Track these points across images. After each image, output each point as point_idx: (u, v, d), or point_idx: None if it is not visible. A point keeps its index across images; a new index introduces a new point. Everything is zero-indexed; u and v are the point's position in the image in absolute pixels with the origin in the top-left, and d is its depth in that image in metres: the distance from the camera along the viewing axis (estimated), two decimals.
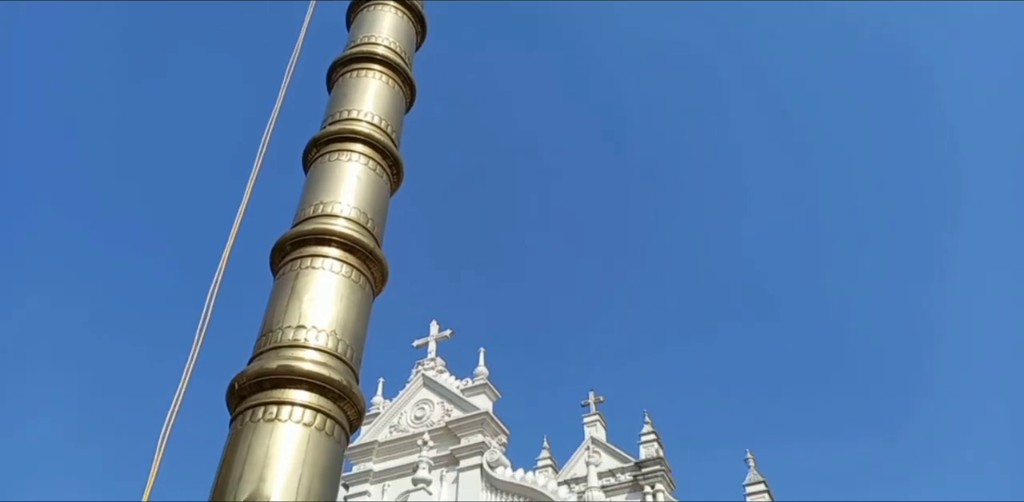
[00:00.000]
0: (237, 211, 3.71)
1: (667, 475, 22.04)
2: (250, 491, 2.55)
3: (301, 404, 2.79)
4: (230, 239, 3.63)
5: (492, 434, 18.36)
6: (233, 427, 2.81)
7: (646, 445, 22.72)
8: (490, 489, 17.26)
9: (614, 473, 22.40)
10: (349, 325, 3.14)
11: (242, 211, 3.71)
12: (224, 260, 3.56)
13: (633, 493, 22.03)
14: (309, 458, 2.69)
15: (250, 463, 2.63)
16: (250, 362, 2.98)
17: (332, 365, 2.94)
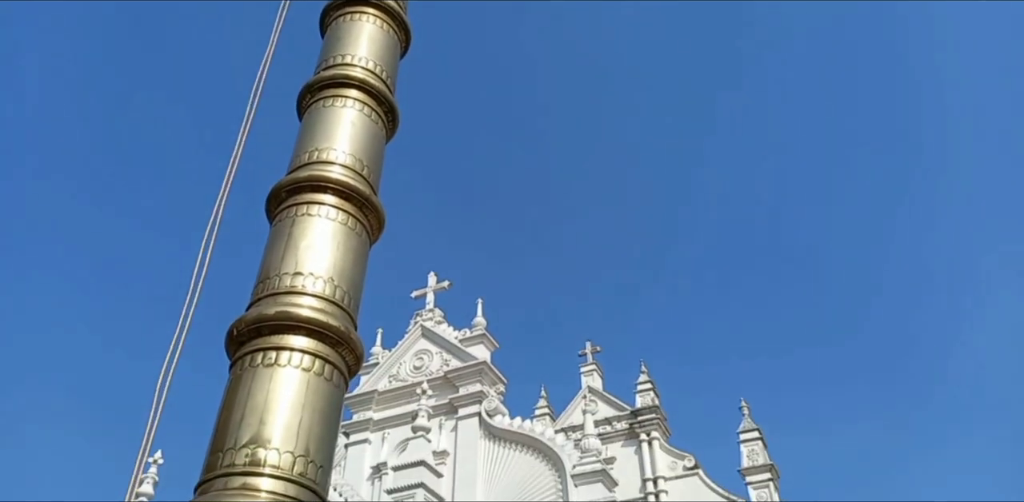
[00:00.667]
0: (231, 158, 3.68)
1: (662, 423, 22.40)
2: (251, 434, 2.58)
3: (300, 349, 2.81)
4: (225, 187, 3.61)
5: (490, 383, 18.59)
6: (233, 372, 2.83)
7: (642, 394, 23.04)
8: (488, 437, 17.55)
9: (610, 421, 22.76)
10: (346, 272, 3.14)
11: (236, 158, 3.67)
12: (219, 207, 3.55)
13: (629, 441, 22.42)
14: (308, 402, 2.72)
15: (250, 407, 2.66)
16: (248, 309, 2.99)
17: (330, 311, 2.95)
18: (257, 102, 3.94)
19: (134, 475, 3.30)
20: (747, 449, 20.68)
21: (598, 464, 15.49)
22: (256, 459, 2.51)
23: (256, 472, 2.48)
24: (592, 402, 20.21)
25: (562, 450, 16.26)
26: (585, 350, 25.60)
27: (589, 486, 15.27)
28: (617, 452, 21.86)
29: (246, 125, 3.87)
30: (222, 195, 3.57)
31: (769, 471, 20.09)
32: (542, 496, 15.89)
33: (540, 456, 16.62)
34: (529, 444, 16.92)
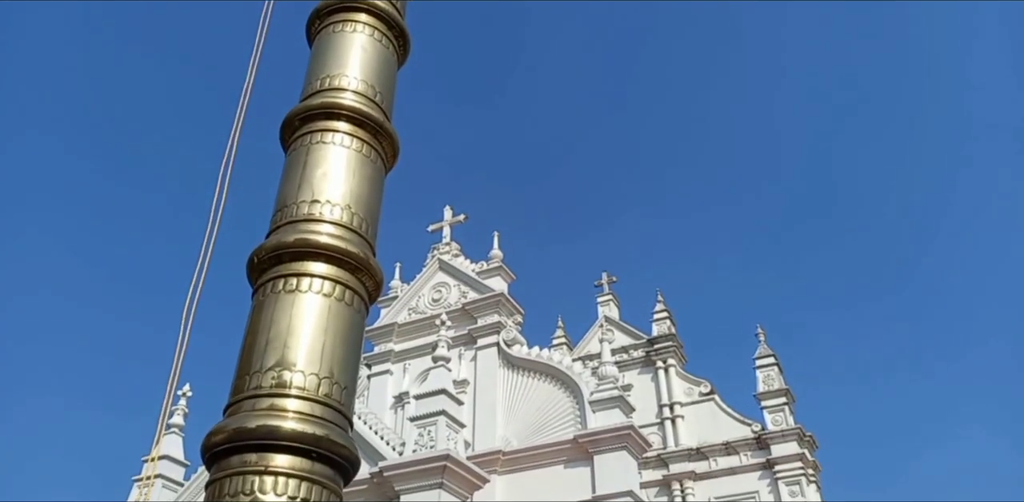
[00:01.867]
0: (243, 88, 3.65)
1: (679, 351, 22.70)
2: (276, 358, 2.65)
3: (320, 275, 2.85)
4: (239, 117, 3.59)
5: (508, 314, 18.80)
6: (255, 299, 2.88)
7: (658, 322, 23.28)
8: (507, 366, 17.86)
9: (627, 350, 23.09)
10: (362, 199, 3.15)
11: (249, 87, 3.64)
12: (234, 137, 3.54)
13: (645, 368, 22.78)
14: (330, 326, 2.77)
15: (274, 332, 2.71)
16: (267, 237, 3.02)
17: (348, 238, 2.97)
18: (266, 31, 3.88)
19: (164, 406, 3.39)
20: (763, 375, 20.98)
21: (615, 390, 15.77)
22: (282, 381, 2.58)
23: (282, 393, 2.55)
24: (609, 331, 20.41)
25: (579, 378, 16.54)
26: (601, 281, 25.77)
27: (606, 412, 15.59)
28: (634, 379, 22.24)
29: (256, 55, 3.83)
30: (236, 125, 3.56)
31: (784, 396, 20.41)
32: (560, 422, 16.24)
33: (558, 384, 16.92)
34: (547, 372, 17.21)
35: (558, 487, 15.11)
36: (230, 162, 3.48)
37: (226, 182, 3.44)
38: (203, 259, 3.28)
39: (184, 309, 3.32)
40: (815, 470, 20.06)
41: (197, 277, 3.28)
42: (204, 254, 3.36)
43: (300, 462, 2.43)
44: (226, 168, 3.44)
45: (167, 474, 14.86)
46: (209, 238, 3.51)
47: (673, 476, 20.45)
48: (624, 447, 15.08)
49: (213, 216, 3.37)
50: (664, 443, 21.24)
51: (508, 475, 15.93)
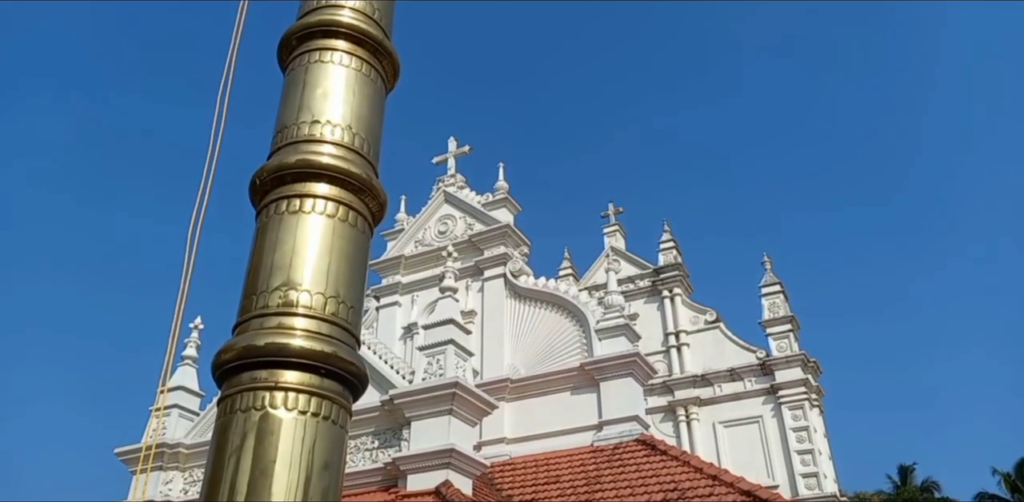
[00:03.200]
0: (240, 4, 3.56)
1: (685, 280, 22.83)
2: (282, 278, 2.65)
3: (323, 196, 2.82)
4: (235, 36, 3.51)
5: (514, 246, 18.85)
6: (259, 221, 2.87)
7: (665, 252, 23.35)
8: (514, 296, 18.01)
9: (633, 280, 23.24)
10: (363, 119, 3.10)
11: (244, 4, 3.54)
12: (232, 58, 3.47)
13: (652, 298, 22.96)
14: (336, 247, 2.77)
15: (279, 253, 2.71)
16: (269, 158, 2.98)
17: (350, 158, 2.94)
18: None
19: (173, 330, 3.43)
20: (768, 302, 21.15)
21: (621, 319, 15.93)
22: (288, 300, 2.59)
23: (290, 312, 2.56)
24: (615, 261, 20.48)
25: (586, 307, 16.69)
26: (608, 211, 25.74)
27: (612, 340, 15.79)
28: (640, 309, 22.45)
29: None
30: (234, 44, 3.48)
31: (789, 323, 20.62)
32: (567, 351, 16.48)
33: (565, 313, 17.10)
34: (554, 302, 17.36)
35: (565, 413, 15.46)
36: (229, 81, 3.41)
37: (225, 101, 3.38)
38: (205, 183, 3.26)
39: (188, 235, 3.32)
40: (818, 395, 20.43)
41: (200, 201, 3.27)
42: (205, 179, 3.33)
43: (309, 378, 2.46)
44: (225, 86, 3.38)
45: (183, 404, 15.21)
46: (209, 165, 3.48)
47: (678, 402, 20.86)
48: (630, 374, 15.34)
49: (213, 139, 3.33)
50: (669, 370, 21.59)
51: (516, 402, 16.27)
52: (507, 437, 15.84)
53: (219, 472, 2.30)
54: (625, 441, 14.31)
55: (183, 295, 3.43)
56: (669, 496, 11.75)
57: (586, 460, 14.10)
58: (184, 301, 3.42)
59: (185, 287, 3.32)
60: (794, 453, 19.15)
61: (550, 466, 14.28)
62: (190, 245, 3.20)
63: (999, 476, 39.98)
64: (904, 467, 42.90)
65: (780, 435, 19.52)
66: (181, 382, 15.57)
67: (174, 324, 3.42)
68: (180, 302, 3.44)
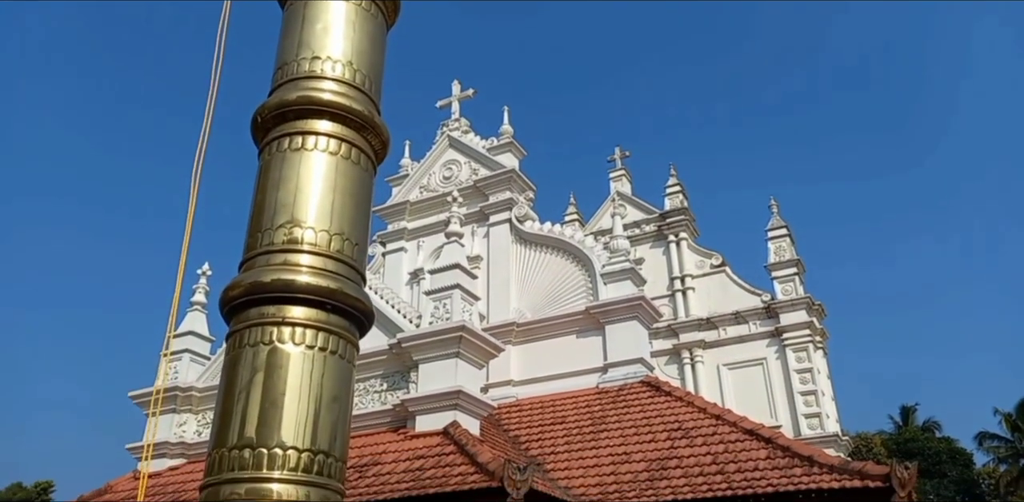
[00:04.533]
0: None
1: (691, 224, 22.79)
2: (286, 216, 2.65)
3: (325, 133, 2.81)
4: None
5: (519, 191, 18.79)
6: (262, 159, 2.86)
7: (671, 197, 23.24)
8: (519, 242, 18.03)
9: (639, 224, 23.20)
10: (364, 56, 3.05)
11: None
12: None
13: (657, 242, 22.96)
14: (339, 185, 2.76)
15: (283, 191, 2.71)
16: (270, 95, 2.95)
17: (352, 95, 2.91)
18: None
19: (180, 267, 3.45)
20: (774, 246, 21.13)
21: (627, 263, 15.97)
22: (293, 237, 2.60)
23: (295, 249, 2.57)
24: (621, 206, 20.47)
25: (591, 251, 16.71)
26: (614, 156, 25.53)
27: (618, 284, 15.86)
28: (646, 254, 22.49)
29: None
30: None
31: (795, 266, 20.64)
32: (573, 295, 16.57)
33: (570, 258, 17.13)
34: (559, 247, 17.38)
35: (571, 356, 15.63)
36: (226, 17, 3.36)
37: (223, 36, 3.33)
38: (207, 121, 3.24)
39: (192, 173, 3.31)
40: (822, 337, 20.58)
41: (202, 140, 3.25)
42: (207, 117, 3.31)
43: (316, 313, 2.49)
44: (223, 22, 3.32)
45: (194, 349, 15.42)
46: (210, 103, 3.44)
47: (683, 345, 21.05)
48: (635, 317, 15.45)
49: (213, 77, 3.30)
50: (675, 314, 21.72)
51: (522, 345, 16.45)
52: (514, 379, 16.07)
53: (230, 404, 2.35)
54: (630, 382, 14.50)
55: (188, 232, 3.44)
56: (673, 435, 11.96)
57: (591, 401, 14.31)
58: (189, 239, 3.43)
59: (189, 226, 3.33)
60: (797, 394, 19.40)
61: (556, 407, 14.51)
62: (194, 182, 3.19)
63: (1000, 416, 40.52)
64: (906, 408, 43.51)
65: (784, 377, 19.74)
66: (191, 327, 15.75)
67: (181, 264, 3.44)
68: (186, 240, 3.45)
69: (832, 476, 9.53)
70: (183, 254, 3.38)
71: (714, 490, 9.85)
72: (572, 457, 12.17)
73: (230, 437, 2.28)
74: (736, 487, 9.82)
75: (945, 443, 39.14)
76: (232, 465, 2.23)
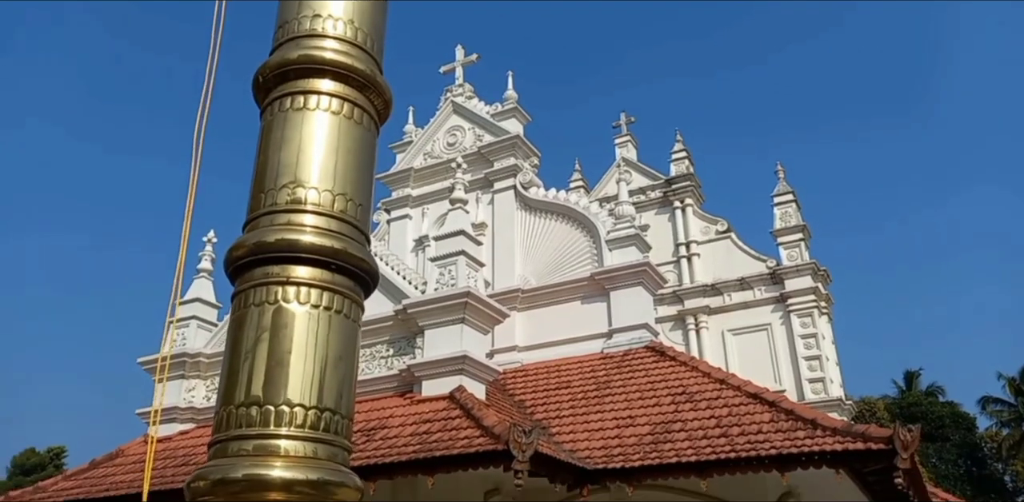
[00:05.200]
0: None
1: (696, 190, 22.72)
2: (289, 176, 2.64)
3: (327, 93, 2.79)
4: None
5: (524, 157, 18.70)
6: (264, 119, 2.84)
7: (677, 162, 23.14)
8: (524, 208, 18.00)
9: (644, 191, 23.13)
10: (366, 13, 3.01)
11: None
12: None
13: (663, 208, 22.92)
14: (342, 144, 2.75)
15: (285, 151, 2.70)
16: (271, 54, 2.93)
17: (353, 54, 2.88)
18: None
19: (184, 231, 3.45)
20: (780, 212, 21.09)
21: (632, 229, 15.95)
22: (297, 198, 2.59)
23: (298, 209, 2.57)
24: (626, 172, 20.36)
25: (596, 218, 16.69)
26: (619, 121, 25.37)
27: (623, 250, 15.86)
28: (651, 220, 22.46)
29: None
30: None
31: (801, 232, 20.61)
32: (577, 262, 16.59)
33: (575, 225, 17.11)
34: (564, 214, 17.36)
35: (575, 322, 15.70)
36: None
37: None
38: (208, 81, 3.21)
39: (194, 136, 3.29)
40: (827, 303, 20.62)
41: (203, 100, 3.23)
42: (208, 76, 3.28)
43: (321, 273, 2.49)
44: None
45: (201, 315, 15.53)
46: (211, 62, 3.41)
47: (687, 311, 21.12)
48: (640, 283, 15.48)
49: (214, 36, 3.26)
50: (680, 280, 21.76)
51: (527, 312, 16.52)
52: (519, 345, 16.16)
53: (236, 363, 2.36)
54: (634, 348, 14.58)
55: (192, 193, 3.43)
56: (677, 399, 12.05)
57: (596, 366, 14.41)
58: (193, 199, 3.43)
59: (193, 185, 3.32)
60: (801, 359, 19.50)
61: (561, 372, 14.62)
62: (197, 142, 3.18)
63: (1004, 380, 40.75)
64: (910, 372, 43.74)
65: (788, 342, 19.83)
66: (198, 294, 15.84)
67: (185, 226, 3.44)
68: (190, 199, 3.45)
69: (835, 439, 9.61)
70: (187, 217, 3.38)
71: (717, 452, 9.95)
72: (577, 421, 12.29)
73: (237, 395, 2.30)
74: (739, 449, 9.92)
75: (948, 407, 39.43)
76: (240, 422, 2.26)
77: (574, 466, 10.21)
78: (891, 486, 9.90)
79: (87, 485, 12.89)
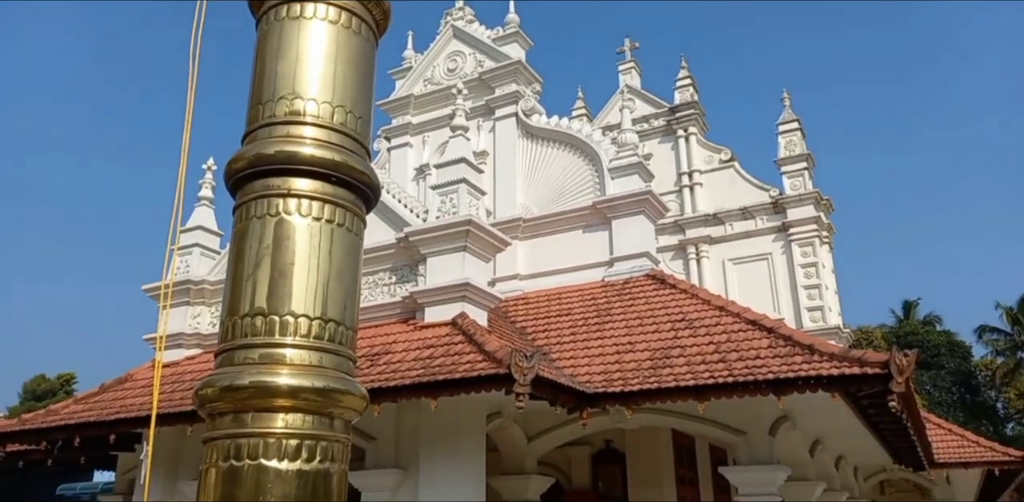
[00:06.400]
0: None
1: (700, 118, 22.44)
2: (287, 87, 2.58)
3: (324, 0, 2.70)
4: None
5: (526, 83, 18.40)
6: (260, 28, 2.76)
7: (681, 90, 22.79)
8: (526, 136, 17.82)
9: (648, 119, 22.86)
10: None
11: None
12: None
13: (666, 137, 22.70)
14: (341, 55, 2.68)
15: (282, 62, 2.63)
16: None
17: None
18: None
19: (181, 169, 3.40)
20: (785, 140, 20.89)
21: (635, 157, 15.82)
22: (295, 110, 2.54)
23: (297, 121, 2.52)
24: (630, 100, 20.05)
25: (599, 146, 16.54)
26: (623, 47, 24.86)
27: (625, 178, 15.77)
28: (654, 149, 22.27)
29: None
30: None
31: (805, 160, 20.47)
32: (579, 190, 16.53)
33: (577, 153, 16.97)
34: (566, 142, 17.19)
35: (577, 250, 15.76)
36: None
37: None
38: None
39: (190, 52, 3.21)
40: (829, 232, 20.65)
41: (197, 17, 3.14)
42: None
43: (321, 186, 2.46)
44: None
45: (203, 243, 15.56)
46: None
47: (689, 240, 21.17)
48: (642, 212, 15.46)
49: None
50: (681, 210, 21.74)
51: (529, 240, 16.56)
52: (520, 274, 16.26)
53: (240, 274, 2.36)
54: (635, 276, 14.67)
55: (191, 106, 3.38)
56: (676, 326, 12.19)
57: (597, 294, 14.52)
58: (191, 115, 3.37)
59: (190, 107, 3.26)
60: (801, 288, 19.65)
61: (562, 300, 14.75)
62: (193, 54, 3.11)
63: (1001, 310, 41.16)
64: (908, 302, 44.16)
65: (788, 272, 19.94)
66: (199, 222, 15.83)
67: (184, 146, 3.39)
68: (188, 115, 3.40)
69: (832, 363, 9.76)
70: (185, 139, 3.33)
71: (715, 377, 10.12)
72: (577, 347, 12.46)
73: (242, 306, 2.31)
74: (737, 374, 10.08)
75: (944, 336, 39.95)
76: (245, 332, 2.27)
77: (574, 389, 10.40)
78: (885, 410, 10.11)
79: (97, 408, 13.18)
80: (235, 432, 2.17)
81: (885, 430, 13.25)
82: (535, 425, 13.35)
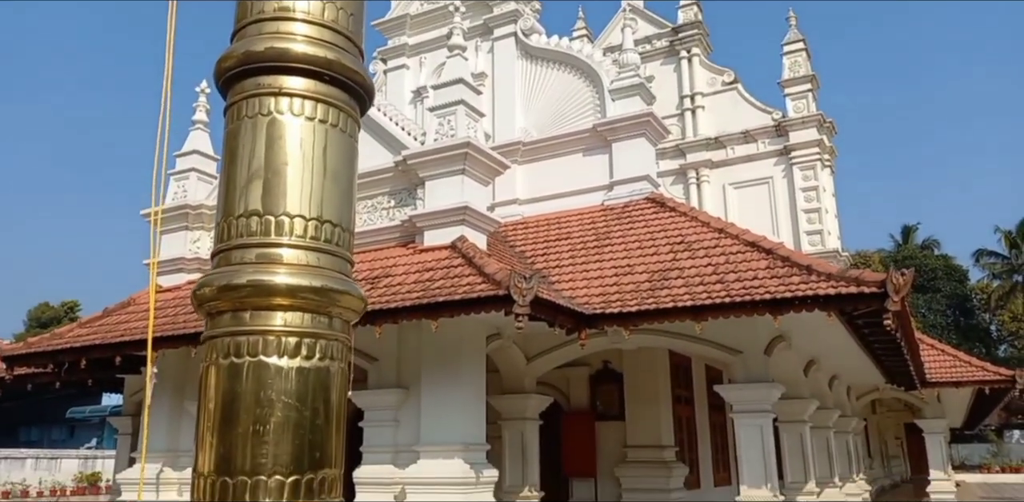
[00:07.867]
0: None
1: (704, 39, 21.94)
2: None
3: None
4: None
5: (524, 1, 17.91)
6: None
7: (684, 9, 22.20)
8: (526, 57, 17.46)
9: (650, 40, 22.35)
10: None
11: None
12: None
13: (668, 59, 22.24)
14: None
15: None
16: None
17: None
18: None
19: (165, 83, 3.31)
20: (789, 61, 20.47)
21: (636, 78, 15.53)
22: (285, 5, 2.43)
23: (287, 17, 2.42)
24: (632, 19, 19.56)
25: (600, 66, 16.22)
26: None
27: (626, 100, 15.53)
28: (656, 71, 21.86)
29: None
30: None
31: (809, 82, 20.12)
32: (580, 112, 16.30)
33: (578, 74, 16.66)
34: (567, 62, 16.85)
35: (577, 174, 15.65)
36: None
37: None
38: None
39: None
40: (831, 155, 20.48)
41: None
42: None
43: (314, 85, 2.40)
44: None
45: (200, 168, 15.43)
46: None
47: (689, 165, 21.02)
48: (642, 134, 15.28)
49: None
50: (683, 134, 21.50)
51: (528, 164, 16.43)
52: (519, 198, 16.20)
53: (233, 174, 2.32)
54: (635, 199, 14.62)
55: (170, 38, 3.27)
56: (675, 248, 12.21)
57: (596, 218, 14.50)
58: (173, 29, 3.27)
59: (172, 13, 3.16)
60: (801, 212, 19.62)
61: (561, 224, 14.74)
62: None
63: (1000, 234, 41.26)
64: (907, 227, 44.25)
65: (789, 196, 19.87)
66: (195, 146, 15.66)
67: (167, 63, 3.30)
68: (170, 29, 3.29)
69: (829, 283, 9.82)
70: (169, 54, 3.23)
71: (713, 298, 10.19)
72: (576, 270, 12.51)
73: (237, 206, 2.28)
74: (734, 295, 10.15)
75: (942, 260, 40.20)
76: (241, 232, 2.25)
77: (573, 310, 10.50)
78: (880, 329, 10.23)
79: (102, 331, 13.34)
80: (234, 330, 2.17)
81: (879, 350, 13.45)
82: (534, 346, 13.55)
